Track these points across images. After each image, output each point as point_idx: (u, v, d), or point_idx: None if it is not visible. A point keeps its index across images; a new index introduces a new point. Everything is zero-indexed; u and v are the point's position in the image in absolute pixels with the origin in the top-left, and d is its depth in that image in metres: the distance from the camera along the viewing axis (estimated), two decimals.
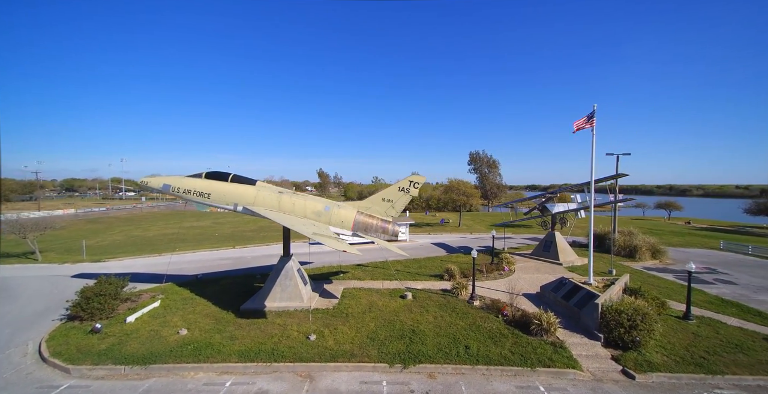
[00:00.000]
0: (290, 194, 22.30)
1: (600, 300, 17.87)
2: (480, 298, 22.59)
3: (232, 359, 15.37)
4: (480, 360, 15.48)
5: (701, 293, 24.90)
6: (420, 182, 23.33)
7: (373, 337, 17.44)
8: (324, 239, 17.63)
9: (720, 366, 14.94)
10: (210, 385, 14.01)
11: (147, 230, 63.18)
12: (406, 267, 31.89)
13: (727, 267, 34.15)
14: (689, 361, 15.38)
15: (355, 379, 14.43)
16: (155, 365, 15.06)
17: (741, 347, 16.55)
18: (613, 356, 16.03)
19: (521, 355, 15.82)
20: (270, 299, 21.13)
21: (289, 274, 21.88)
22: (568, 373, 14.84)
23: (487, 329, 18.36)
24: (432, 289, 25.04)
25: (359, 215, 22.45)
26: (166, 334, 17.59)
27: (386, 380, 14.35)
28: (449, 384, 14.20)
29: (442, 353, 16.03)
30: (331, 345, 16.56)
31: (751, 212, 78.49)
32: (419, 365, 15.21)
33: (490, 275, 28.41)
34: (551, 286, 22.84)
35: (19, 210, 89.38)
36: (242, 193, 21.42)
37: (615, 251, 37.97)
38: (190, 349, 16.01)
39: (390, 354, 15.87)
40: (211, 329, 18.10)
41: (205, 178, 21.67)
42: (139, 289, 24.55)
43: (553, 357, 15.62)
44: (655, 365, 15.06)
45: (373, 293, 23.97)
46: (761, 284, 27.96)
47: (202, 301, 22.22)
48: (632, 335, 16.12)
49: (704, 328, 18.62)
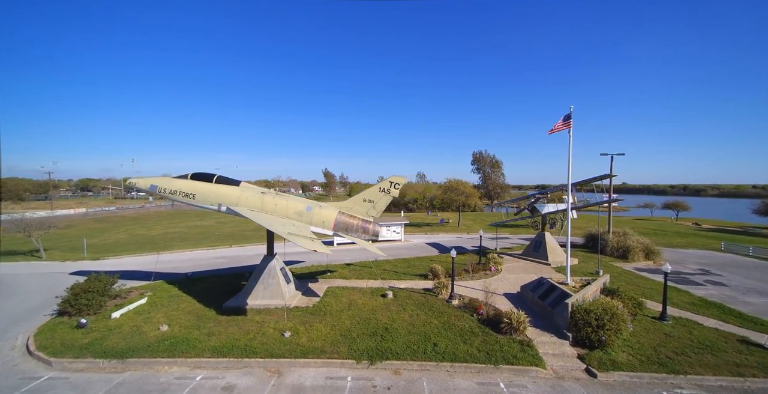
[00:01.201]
0: (273, 195, 22.86)
1: (571, 300, 18.01)
2: (460, 297, 22.86)
3: (206, 354, 15.94)
4: (446, 357, 15.80)
5: (686, 295, 24.78)
6: (401, 183, 23.69)
7: (346, 334, 17.87)
8: (297, 238, 18.12)
9: (684, 366, 14.99)
10: (181, 379, 14.59)
11: (151, 229, 64.64)
12: (394, 267, 32.25)
13: (722, 268, 33.74)
14: (654, 361, 15.46)
15: (321, 374, 14.88)
16: (132, 359, 15.71)
17: (711, 347, 16.54)
18: (580, 354, 16.20)
19: (487, 352, 16.09)
20: (252, 297, 21.71)
21: (271, 273, 22.43)
22: (530, 370, 15.06)
23: (459, 327, 18.64)
24: (414, 288, 25.37)
25: (340, 215, 22.91)
26: (147, 330, 18.28)
27: (351, 376, 14.77)
28: (412, 380, 14.55)
29: (411, 350, 16.38)
30: (304, 342, 17.03)
31: (760, 213, 76.86)
32: (386, 362, 15.59)
33: (475, 275, 28.61)
34: (530, 286, 23.01)
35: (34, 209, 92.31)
36: (226, 194, 22.04)
37: (608, 251, 37.87)
38: (167, 344, 16.65)
39: (359, 351, 16.27)
40: (190, 326, 18.75)
41: (190, 180, 22.34)
42: (130, 286, 25.47)
43: (519, 355, 15.84)
44: (618, 364, 15.19)
45: (355, 291, 24.41)
46: (752, 286, 27.65)
47: (188, 298, 22.92)
48: (599, 335, 16.25)
49: (678, 328, 18.61)
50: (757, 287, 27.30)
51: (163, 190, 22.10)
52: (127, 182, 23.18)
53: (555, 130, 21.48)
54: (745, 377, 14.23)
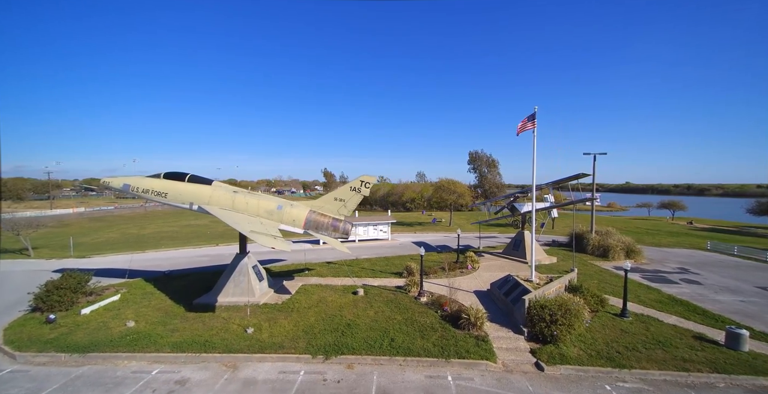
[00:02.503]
0: (244, 194, 23.23)
1: (528, 296, 18.30)
2: (430, 294, 23.13)
3: (165, 349, 16.31)
4: (400, 352, 16.10)
5: (656, 292, 24.98)
6: (371, 182, 23.99)
7: (308, 330, 18.21)
8: (259, 236, 18.49)
9: (632, 361, 15.24)
10: (138, 372, 14.97)
11: (144, 229, 65.25)
12: (373, 265, 32.59)
13: (701, 267, 33.90)
14: (604, 355, 15.72)
15: (275, 369, 15.21)
16: (93, 353, 16.10)
17: (664, 344, 16.77)
18: (533, 349, 16.47)
19: (441, 347, 16.40)
20: (223, 294, 22.08)
21: (243, 270, 22.79)
22: (480, 364, 15.36)
23: (421, 323, 18.95)
24: (387, 286, 25.69)
25: (311, 214, 23.25)
26: (113, 325, 18.69)
27: (304, 370, 15.10)
28: (364, 374, 14.87)
29: (368, 345, 16.69)
30: (265, 338, 17.38)
31: (754, 212, 76.77)
32: (341, 356, 15.91)
33: (451, 273, 28.84)
34: (498, 283, 23.30)
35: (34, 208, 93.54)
36: (198, 193, 22.43)
37: (589, 250, 38.08)
38: (129, 339, 17.04)
39: (317, 346, 16.60)
40: (157, 322, 19.15)
41: (163, 179, 22.74)
42: (108, 283, 25.89)
43: (472, 350, 16.14)
44: (567, 358, 15.45)
45: (327, 289, 24.76)
46: (726, 285, 27.81)
47: (161, 295, 23.33)
48: (551, 330, 16.54)
49: (636, 325, 18.84)
50: (731, 286, 27.48)
51: (136, 190, 22.49)
52: (100, 182, 23.59)
53: (522, 130, 21.73)
54: (689, 372, 14.47)
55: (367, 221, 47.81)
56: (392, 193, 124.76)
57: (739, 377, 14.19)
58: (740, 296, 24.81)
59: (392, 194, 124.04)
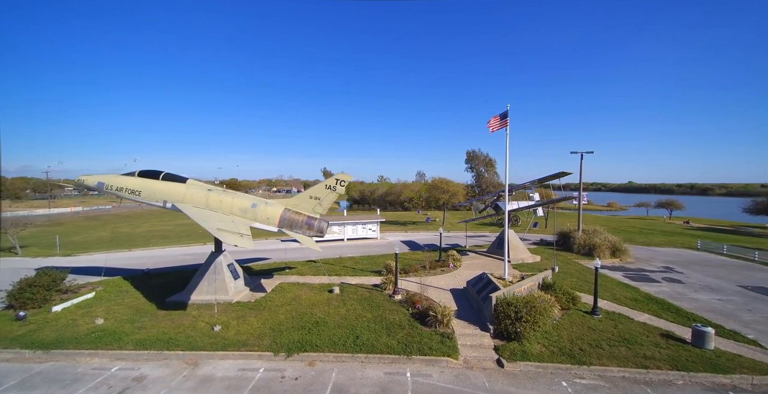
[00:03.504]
0: (219, 192, 23.26)
1: (496, 293, 18.24)
2: (405, 292, 23.06)
3: (128, 347, 16.31)
4: (363, 349, 16.07)
5: (633, 291, 24.85)
6: (346, 180, 23.97)
7: (276, 328, 18.18)
8: (225, 234, 18.54)
9: (593, 358, 15.16)
10: (98, 369, 14.98)
11: (137, 227, 65.48)
12: (356, 263, 32.58)
13: (686, 266, 33.76)
14: (566, 352, 15.64)
15: (236, 366, 15.19)
16: (57, 350, 16.12)
17: (629, 341, 16.67)
18: (497, 346, 16.40)
19: (405, 344, 16.35)
20: (196, 292, 22.10)
21: (217, 269, 22.81)
22: (441, 361, 15.30)
23: (390, 320, 18.91)
24: (365, 284, 25.67)
25: (286, 212, 23.24)
26: (81, 323, 18.72)
27: (264, 368, 15.07)
28: (323, 371, 14.84)
29: (332, 342, 16.65)
30: (231, 336, 17.37)
31: (750, 212, 76.33)
32: (303, 354, 15.87)
33: (431, 272, 28.83)
34: (473, 281, 23.24)
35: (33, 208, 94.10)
36: (172, 191, 22.45)
37: (575, 249, 37.96)
38: (94, 337, 17.05)
39: (281, 344, 16.56)
40: (126, 320, 19.17)
41: (137, 177, 22.78)
42: (87, 281, 25.94)
43: (435, 347, 16.09)
44: (528, 355, 15.39)
45: (304, 287, 24.76)
46: (708, 283, 27.66)
47: (136, 294, 23.37)
48: (515, 327, 16.48)
49: (605, 322, 18.74)
50: (712, 285, 27.34)
51: (110, 188, 22.54)
52: (76, 180, 23.65)
53: (495, 129, 21.62)
54: (648, 369, 14.37)
55: (356, 219, 47.80)
56: (390, 192, 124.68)
57: (699, 374, 14.09)
58: (719, 295, 24.69)
59: (390, 194, 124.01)
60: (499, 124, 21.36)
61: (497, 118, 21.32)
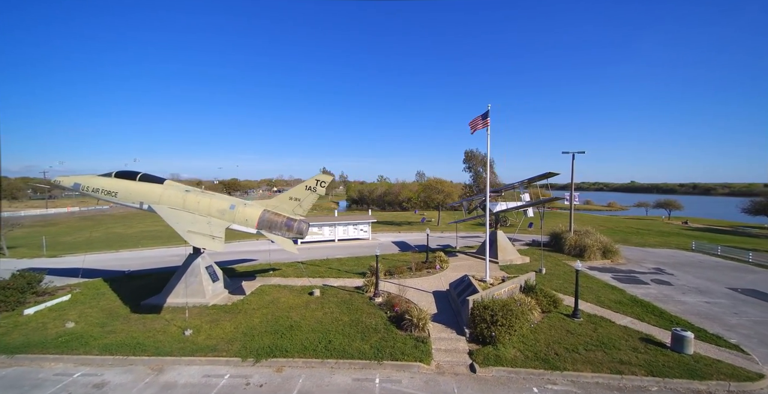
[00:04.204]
0: (196, 193, 22.91)
1: (473, 296, 17.85)
2: (387, 294, 22.67)
3: (94, 351, 15.96)
4: (334, 354, 15.70)
5: (620, 293, 24.42)
6: (327, 181, 23.62)
7: (248, 332, 17.80)
8: (195, 236, 18.21)
9: (568, 363, 14.77)
10: (60, 375, 14.65)
11: (131, 228, 65.29)
12: (342, 265, 32.23)
13: (678, 268, 33.27)
14: (540, 357, 15.25)
15: (201, 372, 14.82)
16: (22, 355, 15.80)
17: (607, 345, 16.27)
18: (471, 350, 16.01)
19: (378, 349, 15.98)
20: (173, 295, 21.73)
21: (194, 271, 22.45)
22: (412, 366, 14.93)
23: (366, 324, 18.55)
24: (347, 286, 25.29)
25: (265, 213, 22.88)
26: (51, 326, 18.41)
27: (230, 374, 14.70)
28: (290, 377, 14.47)
29: (302, 347, 16.26)
30: (201, 340, 17.00)
31: (749, 212, 75.63)
32: (272, 359, 15.50)
33: (417, 273, 28.44)
34: (455, 283, 22.86)
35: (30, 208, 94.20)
36: (148, 192, 22.12)
37: (566, 250, 37.53)
38: (61, 341, 16.74)
39: (250, 349, 16.18)
40: (97, 323, 18.85)
41: (114, 178, 22.46)
42: (67, 283, 25.67)
43: (409, 351, 15.72)
44: (502, 360, 15.00)
45: (285, 290, 24.40)
46: (698, 285, 27.20)
47: (113, 296, 23.05)
48: (491, 330, 16.10)
49: (585, 326, 18.33)
50: (701, 287, 26.88)
51: (86, 189, 22.24)
52: (52, 181, 23.34)
53: (475, 129, 21.24)
54: (622, 375, 13.96)
55: (347, 220, 47.42)
56: (389, 192, 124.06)
57: (674, 380, 13.69)
58: (707, 297, 24.24)
59: (389, 194, 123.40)
60: (480, 125, 20.97)
61: (478, 118, 20.93)
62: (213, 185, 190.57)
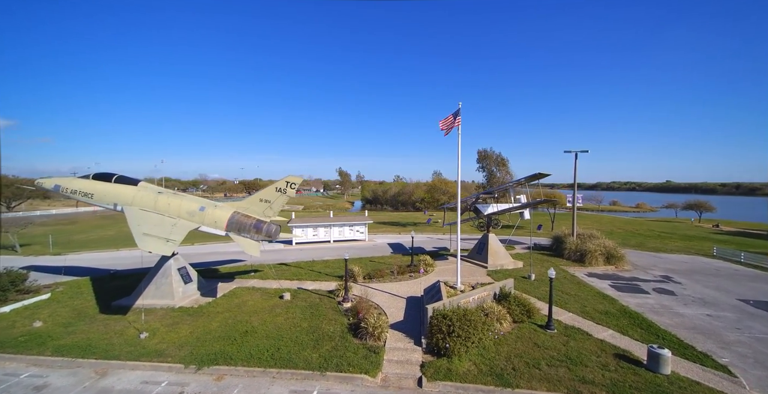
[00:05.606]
0: (168, 195, 22.94)
1: (434, 304, 16.85)
2: (358, 299, 21.92)
3: (47, 352, 16.09)
4: (278, 363, 15.11)
5: (610, 303, 22.62)
6: (297, 183, 23.13)
7: (201, 337, 17.48)
8: (148, 239, 18.19)
9: (523, 380, 13.55)
10: (8, 375, 14.78)
11: None
12: (326, 267, 31.70)
13: (689, 275, 30.75)
14: (495, 372, 14.08)
15: (141, 378, 14.53)
16: None
17: (574, 361, 14.87)
18: (424, 362, 15.03)
19: (326, 358, 15.29)
20: (143, 296, 21.80)
21: (166, 273, 22.50)
22: (356, 378, 14.12)
23: (323, 331, 17.89)
24: (321, 289, 24.74)
25: (235, 215, 22.65)
26: (19, 325, 18.81)
27: (168, 381, 14.37)
28: (227, 386, 13.97)
29: (249, 355, 15.73)
30: (152, 344, 16.82)
31: None
32: (214, 367, 15.06)
33: (399, 277, 27.51)
34: (428, 289, 21.86)
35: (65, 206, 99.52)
36: (122, 193, 22.33)
37: (566, 255, 35.55)
38: (21, 340, 17.01)
39: (196, 355, 15.77)
40: (63, 323, 19.10)
41: (91, 179, 22.82)
42: (54, 281, 26.44)
43: (356, 362, 14.95)
44: (453, 374, 13.95)
45: (257, 292, 24.10)
46: (704, 295, 24.90)
47: (90, 296, 23.45)
48: (445, 342, 15.08)
49: (557, 339, 16.92)
50: (708, 297, 24.58)
51: (65, 190, 22.69)
52: (35, 183, 23.95)
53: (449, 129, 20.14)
54: None
55: (343, 221, 46.93)
56: (403, 192, 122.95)
57: None
58: (710, 309, 22.10)
59: (403, 194, 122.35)
60: (451, 123, 19.88)
61: (450, 117, 19.84)
62: (234, 185, 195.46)
